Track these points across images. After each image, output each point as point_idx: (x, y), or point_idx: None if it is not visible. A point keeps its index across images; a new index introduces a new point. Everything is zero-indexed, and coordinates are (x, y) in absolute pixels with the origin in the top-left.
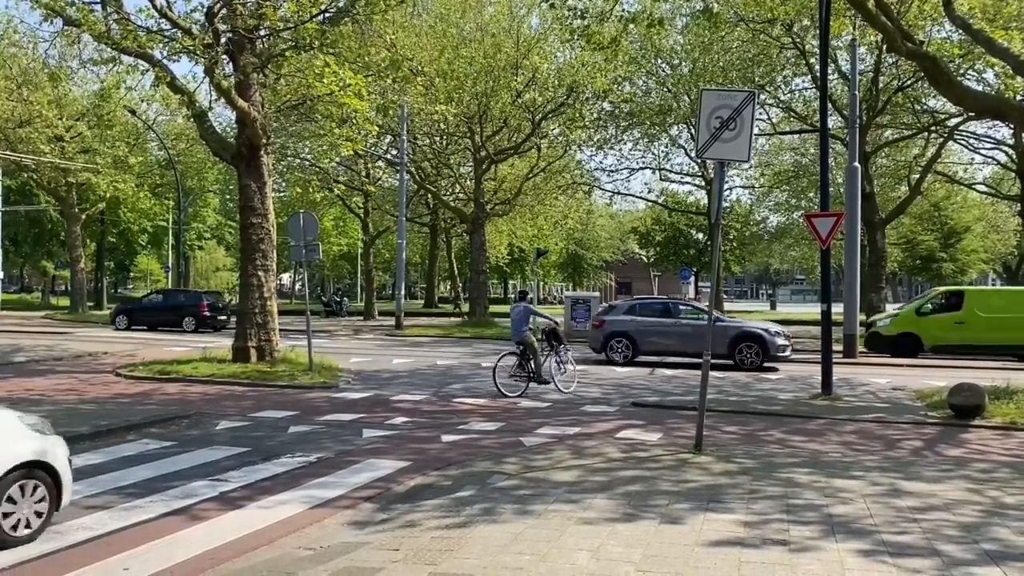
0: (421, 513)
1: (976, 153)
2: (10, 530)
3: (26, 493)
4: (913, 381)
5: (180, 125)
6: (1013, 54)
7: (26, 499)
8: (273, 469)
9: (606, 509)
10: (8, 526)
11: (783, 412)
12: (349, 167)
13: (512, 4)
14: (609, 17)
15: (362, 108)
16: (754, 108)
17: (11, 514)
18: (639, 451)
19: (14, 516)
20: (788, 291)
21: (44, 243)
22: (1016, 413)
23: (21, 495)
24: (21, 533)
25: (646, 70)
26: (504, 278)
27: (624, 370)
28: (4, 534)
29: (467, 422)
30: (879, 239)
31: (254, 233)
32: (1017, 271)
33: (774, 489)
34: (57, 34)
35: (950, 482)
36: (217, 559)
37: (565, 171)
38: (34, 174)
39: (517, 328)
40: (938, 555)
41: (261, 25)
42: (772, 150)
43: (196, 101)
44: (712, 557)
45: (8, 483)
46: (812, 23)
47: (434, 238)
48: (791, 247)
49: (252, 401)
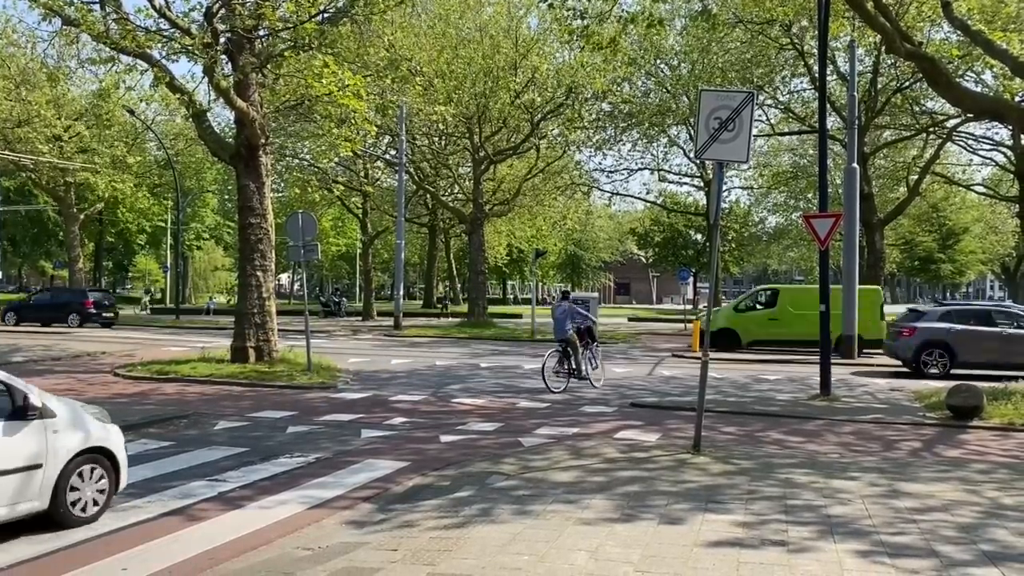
0: (419, 513)
1: (975, 154)
2: (77, 511)
3: (90, 477)
4: (911, 382)
5: (179, 125)
6: (1012, 55)
7: (89, 482)
8: (271, 469)
9: (604, 509)
10: (74, 507)
11: (781, 413)
12: (348, 167)
13: (511, 5)
14: (608, 17)
15: (361, 108)
16: (753, 109)
17: (77, 496)
18: (637, 452)
19: (79, 498)
20: None
21: (42, 243)
22: (1014, 414)
23: (85, 478)
24: (87, 513)
25: (645, 71)
26: (503, 278)
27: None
28: (71, 515)
29: (466, 422)
30: (878, 240)
31: (252, 233)
32: (1015, 272)
33: (772, 490)
34: (56, 34)
35: (948, 483)
36: (216, 559)
37: (564, 172)
38: (32, 174)
39: (561, 327)
40: (936, 556)
41: (260, 25)
42: (771, 151)
43: (195, 101)
44: (711, 558)
45: (74, 467)
46: (811, 24)
47: (433, 238)
48: (789, 248)
49: (250, 401)
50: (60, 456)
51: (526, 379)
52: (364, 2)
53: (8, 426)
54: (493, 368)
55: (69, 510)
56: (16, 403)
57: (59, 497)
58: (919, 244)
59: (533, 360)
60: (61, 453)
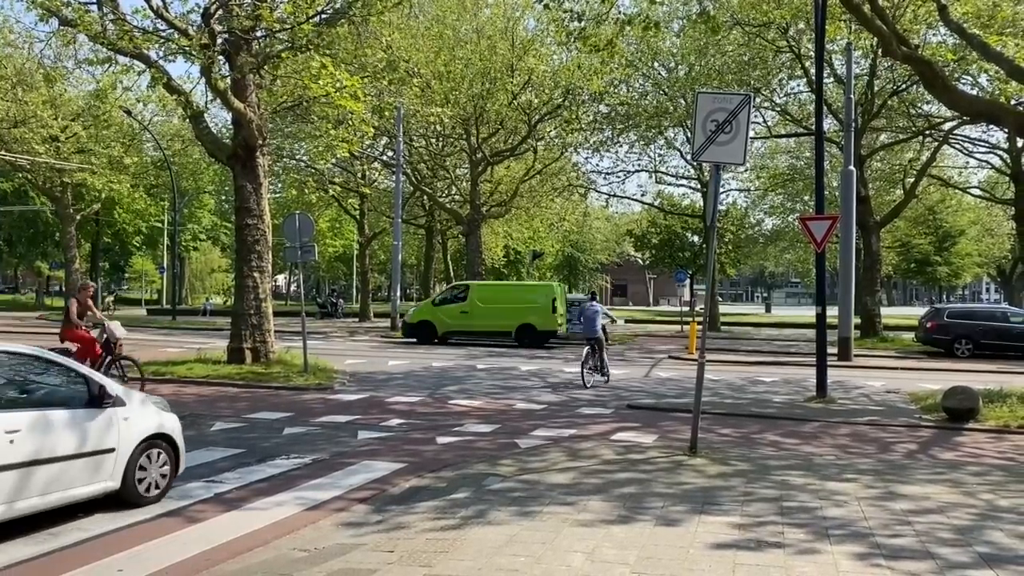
0: (416, 515)
1: (971, 157)
2: (144, 491)
3: (155, 460)
4: (908, 384)
5: (176, 126)
6: (1007, 59)
7: (154, 465)
8: (268, 470)
9: (601, 511)
10: (142, 488)
11: (777, 415)
12: (345, 168)
13: (508, 6)
14: (605, 20)
15: (358, 109)
16: (750, 111)
17: (143, 478)
18: (634, 453)
19: (146, 479)
20: (783, 294)
21: (39, 244)
22: (1009, 416)
23: (151, 461)
24: (151, 494)
25: (642, 73)
26: (500, 280)
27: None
28: (139, 494)
29: (462, 424)
30: (874, 242)
31: (249, 234)
32: (1011, 275)
33: (769, 491)
34: (53, 34)
35: (944, 485)
36: (212, 560)
37: (561, 173)
38: (29, 175)
39: (592, 326)
40: (932, 558)
41: (257, 26)
42: (768, 153)
43: (192, 102)
44: (707, 559)
45: (141, 451)
46: (808, 27)
47: (430, 240)
48: (786, 250)
49: (247, 402)
50: (130, 441)
51: (523, 381)
52: (362, 3)
53: (87, 413)
54: (490, 370)
55: (137, 490)
56: (93, 393)
57: (129, 478)
58: (915, 246)
59: (529, 362)
60: (131, 438)
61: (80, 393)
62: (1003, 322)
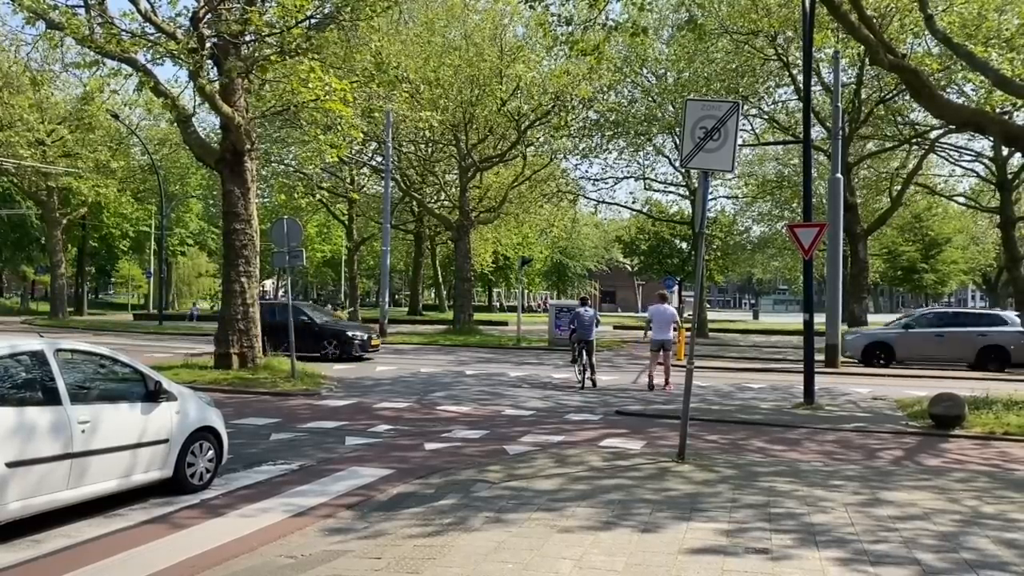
0: (403, 521)
1: (957, 165)
2: (193, 479)
3: (203, 451)
4: (895, 391)
5: (163, 130)
6: (993, 68)
7: (202, 455)
8: (254, 477)
9: (589, 518)
10: (191, 476)
11: (765, 421)
12: (334, 173)
13: (496, 13)
14: (593, 25)
15: (347, 114)
16: (738, 119)
17: (192, 467)
18: (622, 460)
19: (195, 468)
20: (771, 301)
21: (24, 247)
22: (995, 423)
23: (200, 452)
24: (200, 482)
25: (631, 79)
26: (489, 286)
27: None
28: (189, 482)
29: (450, 430)
30: (861, 250)
31: (237, 239)
32: (996, 283)
33: (755, 498)
34: (40, 37)
35: (929, 491)
36: (198, 567)
37: (550, 179)
38: (14, 178)
39: (590, 330)
40: (917, 564)
41: (246, 30)
42: (756, 159)
43: (180, 105)
44: (694, 565)
45: (190, 443)
46: (795, 35)
47: (419, 245)
48: (774, 257)
49: (233, 408)
50: (182, 433)
51: (511, 387)
52: (351, 8)
53: (144, 407)
54: (478, 375)
55: (188, 478)
56: (149, 388)
57: (180, 467)
58: (902, 254)
59: (518, 368)
60: (182, 431)
61: (138, 388)
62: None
